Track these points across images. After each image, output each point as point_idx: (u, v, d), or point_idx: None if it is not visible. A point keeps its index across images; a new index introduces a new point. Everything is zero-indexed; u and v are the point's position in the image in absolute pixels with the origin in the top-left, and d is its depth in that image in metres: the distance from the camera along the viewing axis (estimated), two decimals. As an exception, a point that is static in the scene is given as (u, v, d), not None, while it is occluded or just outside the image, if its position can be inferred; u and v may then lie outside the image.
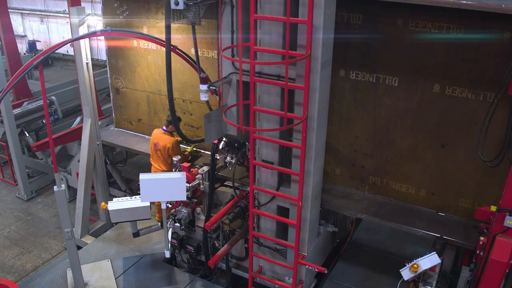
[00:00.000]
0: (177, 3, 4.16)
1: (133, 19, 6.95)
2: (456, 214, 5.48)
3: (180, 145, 6.59)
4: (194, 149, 6.68)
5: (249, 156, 5.86)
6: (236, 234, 5.47)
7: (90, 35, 5.14)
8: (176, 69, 6.89)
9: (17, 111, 8.78)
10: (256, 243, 5.56)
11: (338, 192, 5.98)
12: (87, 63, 6.26)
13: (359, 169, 5.85)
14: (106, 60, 12.19)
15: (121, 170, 8.82)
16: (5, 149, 8.94)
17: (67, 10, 16.48)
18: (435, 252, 4.84)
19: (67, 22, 16.58)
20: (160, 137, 6.42)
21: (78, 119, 9.63)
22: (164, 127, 6.49)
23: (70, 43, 5.57)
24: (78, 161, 7.86)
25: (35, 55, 16.06)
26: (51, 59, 16.97)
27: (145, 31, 6.91)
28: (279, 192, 4.87)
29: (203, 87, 4.50)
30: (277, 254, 5.49)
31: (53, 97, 9.69)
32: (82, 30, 6.07)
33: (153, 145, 6.50)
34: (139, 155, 9.74)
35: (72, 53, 17.00)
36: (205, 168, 5.49)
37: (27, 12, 17.05)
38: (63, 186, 5.21)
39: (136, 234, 6.17)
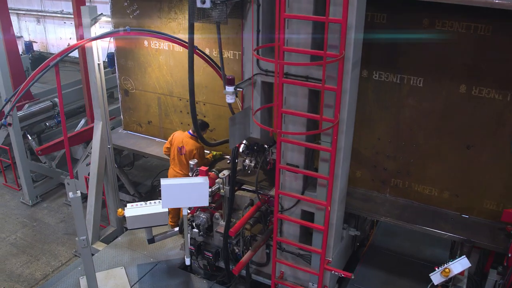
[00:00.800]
0: (203, 1, 4.01)
1: (144, 19, 6.77)
2: (480, 216, 5.40)
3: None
4: (221, 154, 6.51)
5: (269, 160, 5.80)
6: (259, 239, 5.33)
7: (110, 34, 4.94)
8: (189, 70, 6.73)
9: (20, 113, 8.53)
10: (279, 249, 5.42)
11: (359, 195, 5.87)
12: (98, 64, 6.05)
13: (381, 171, 5.74)
14: (105, 61, 12.02)
15: (128, 173, 8.61)
16: (8, 153, 8.68)
17: (64, 10, 16.24)
18: (465, 256, 4.74)
19: (65, 23, 16.32)
20: (187, 141, 6.23)
21: (83, 121, 9.42)
22: (192, 131, 6.31)
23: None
24: (87, 165, 7.68)
25: (32, 56, 15.76)
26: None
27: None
28: (307, 197, 4.73)
29: (230, 88, 4.35)
30: (300, 260, 5.35)
31: (56, 99, 9.44)
32: (94, 30, 5.87)
33: (177, 148, 6.30)
34: (147, 157, 9.57)
35: (70, 54, 16.75)
36: (226, 172, 5.33)
37: (23, 12, 16.71)
38: (79, 193, 5.01)
39: (151, 241, 6.00)
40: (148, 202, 5.96)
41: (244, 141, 5.43)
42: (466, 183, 5.33)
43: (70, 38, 16.30)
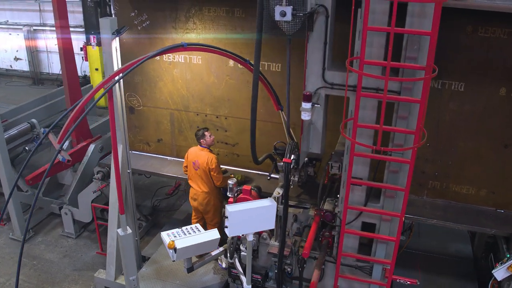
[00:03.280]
0: (283, 14, 3.77)
1: (156, 30, 6.30)
2: (515, 210, 5.70)
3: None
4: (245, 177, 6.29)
5: (310, 173, 5.69)
6: (320, 256, 5.17)
7: (166, 51, 4.46)
8: (209, 83, 6.40)
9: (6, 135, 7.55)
10: (334, 263, 5.31)
11: (397, 199, 5.92)
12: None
13: (419, 174, 5.85)
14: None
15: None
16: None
17: (9, 20, 14.71)
18: (522, 251, 4.97)
19: (10, 34, 14.79)
20: (199, 154, 5.96)
21: (66, 143, 8.53)
22: (202, 144, 6.02)
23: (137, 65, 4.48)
24: (94, 191, 7.01)
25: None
26: (-7, 74, 15.02)
27: (170, 43, 6.28)
28: (382, 210, 4.68)
29: (307, 105, 4.15)
30: (358, 272, 5.28)
31: (34, 120, 8.51)
32: (115, 45, 5.32)
33: (191, 163, 5.99)
34: (142, 175, 8.95)
35: (17, 68, 15.24)
36: (280, 191, 5.11)
37: (-42, 23, 14.90)
38: (129, 230, 4.53)
39: (191, 269, 5.59)
40: (184, 228, 5.56)
41: (293, 156, 5.24)
42: (502, 180, 5.59)
43: (17, 51, 14.81)
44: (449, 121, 5.51)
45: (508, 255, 5.04)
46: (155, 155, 7.13)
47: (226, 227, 4.51)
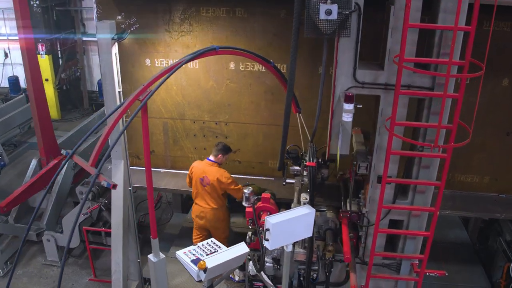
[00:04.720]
0: (329, 12, 3.59)
1: (146, 34, 5.82)
2: (517, 194, 5.99)
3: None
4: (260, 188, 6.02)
5: (323, 175, 5.56)
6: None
7: (198, 56, 4.01)
8: (208, 88, 6.05)
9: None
10: (360, 263, 5.25)
11: (406, 192, 5.99)
12: (119, 92, 5.01)
13: (426, 167, 5.95)
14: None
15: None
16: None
17: None
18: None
19: None
20: (208, 169, 5.62)
21: (34, 162, 7.72)
22: (213, 158, 5.68)
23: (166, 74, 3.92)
24: (84, 214, 6.36)
25: None
26: None
27: (163, 47, 5.88)
28: (417, 206, 4.67)
29: (349, 106, 4.00)
30: (384, 270, 5.26)
31: (-5, 140, 7.59)
32: (114, 51, 4.82)
33: (198, 180, 5.64)
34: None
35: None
36: (307, 196, 4.94)
37: None
38: (162, 255, 4.13)
39: (211, 287, 5.25)
40: (200, 244, 5.17)
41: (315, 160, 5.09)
42: (505, 167, 5.86)
43: None
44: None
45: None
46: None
47: (267, 240, 4.27)
